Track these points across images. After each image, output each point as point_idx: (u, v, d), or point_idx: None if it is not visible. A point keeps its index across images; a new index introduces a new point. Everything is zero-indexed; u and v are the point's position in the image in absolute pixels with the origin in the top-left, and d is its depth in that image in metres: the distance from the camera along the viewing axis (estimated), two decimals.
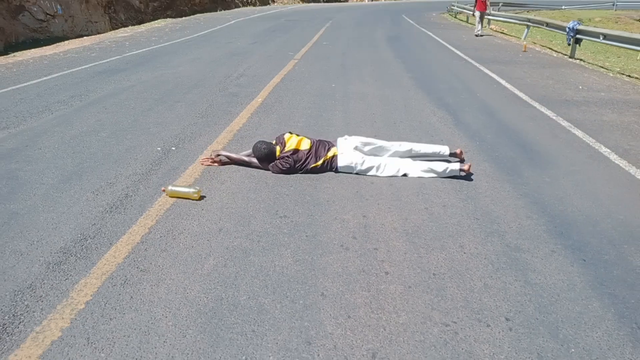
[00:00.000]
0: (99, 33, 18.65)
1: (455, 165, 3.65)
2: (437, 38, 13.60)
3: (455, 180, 3.65)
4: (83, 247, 2.63)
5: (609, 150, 4.44)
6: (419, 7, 28.65)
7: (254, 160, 3.70)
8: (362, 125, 5.07)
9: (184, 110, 5.45)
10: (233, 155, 3.79)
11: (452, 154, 3.95)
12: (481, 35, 14.24)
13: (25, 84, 6.81)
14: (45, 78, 7.25)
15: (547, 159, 4.18)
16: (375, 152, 3.83)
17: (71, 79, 7.22)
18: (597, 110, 5.94)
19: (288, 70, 8.15)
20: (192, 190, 3.20)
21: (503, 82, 7.57)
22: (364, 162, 3.66)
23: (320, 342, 1.96)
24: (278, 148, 3.65)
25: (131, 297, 2.22)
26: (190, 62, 8.88)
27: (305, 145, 3.69)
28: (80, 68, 8.14)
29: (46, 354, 1.88)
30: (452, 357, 1.90)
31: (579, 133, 4.94)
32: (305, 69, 8.40)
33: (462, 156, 3.98)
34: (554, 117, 5.51)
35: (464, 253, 2.64)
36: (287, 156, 3.61)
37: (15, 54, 11.16)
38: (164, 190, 3.24)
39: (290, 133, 3.78)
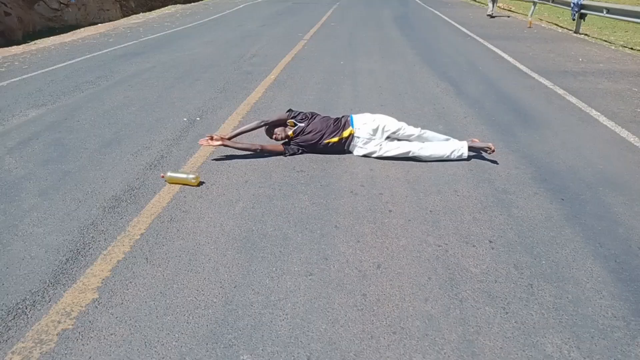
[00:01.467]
0: (110, 21, 19.00)
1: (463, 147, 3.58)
2: (443, 16, 13.80)
3: (452, 131, 4.02)
4: (131, 195, 3.09)
5: (599, 113, 4.79)
6: None
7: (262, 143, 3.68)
8: (370, 97, 5.45)
9: (203, 87, 5.88)
10: (239, 143, 3.67)
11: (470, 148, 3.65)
12: (493, 16, 13.76)
13: (52, 68, 7.26)
14: (70, 62, 7.69)
15: (539, 121, 4.54)
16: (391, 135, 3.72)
17: (94, 62, 7.66)
18: (594, 80, 6.25)
19: (298, 50, 8.51)
20: (191, 176, 3.21)
21: (505, 56, 7.87)
22: (380, 148, 3.65)
23: (335, 258, 2.40)
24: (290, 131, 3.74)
25: (177, 230, 2.68)
26: (205, 44, 9.27)
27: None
28: (100, 52, 8.57)
29: (115, 269, 2.34)
30: (442, 267, 2.33)
31: (572, 99, 5.28)
32: (315, 48, 8.75)
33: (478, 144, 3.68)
34: (551, 86, 5.85)
35: (457, 195, 3.06)
36: (301, 130, 3.72)
37: (37, 41, 11.62)
38: (163, 177, 3.27)
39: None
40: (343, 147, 3.72)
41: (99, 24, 16.41)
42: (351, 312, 2.03)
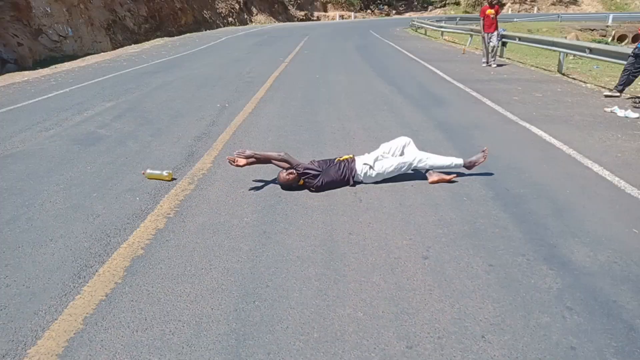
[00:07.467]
0: (103, 52, 21.14)
1: (459, 161, 4.02)
2: (396, 46, 16.72)
3: (392, 110, 6.51)
4: (206, 135, 5.37)
5: (488, 99, 7.39)
6: (386, 24, 32.15)
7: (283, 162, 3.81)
8: (340, 95, 7.92)
9: (221, 90, 8.22)
10: (260, 153, 3.85)
11: (466, 166, 4.06)
12: (492, 65, 11.44)
13: (95, 80, 9.45)
14: (105, 77, 9.90)
15: (447, 104, 7.11)
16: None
17: (125, 77, 9.90)
18: (495, 84, 8.96)
19: (282, 69, 11.00)
20: (164, 172, 4.00)
21: (438, 71, 10.58)
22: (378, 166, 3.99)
23: (333, 125, 4.75)
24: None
25: (241, 140, 4.97)
26: (206, 65, 11.65)
27: None
28: (125, 71, 10.80)
29: (219, 153, 4.60)
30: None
31: (474, 94, 7.91)
32: (295, 68, 11.27)
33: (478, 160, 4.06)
34: (463, 88, 8.49)
35: (391, 135, 5.49)
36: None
37: (56, 66, 13.70)
38: (143, 173, 4.08)
39: None
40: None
41: (96, 54, 18.53)
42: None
